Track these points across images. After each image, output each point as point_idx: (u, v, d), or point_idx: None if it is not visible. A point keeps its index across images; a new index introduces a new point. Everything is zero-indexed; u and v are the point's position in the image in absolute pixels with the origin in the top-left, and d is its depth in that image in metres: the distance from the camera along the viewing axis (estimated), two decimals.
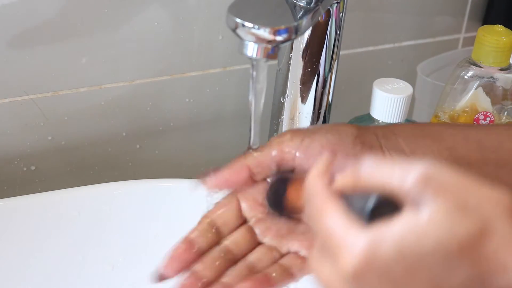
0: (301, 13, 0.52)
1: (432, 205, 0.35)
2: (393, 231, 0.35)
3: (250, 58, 0.50)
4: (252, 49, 0.49)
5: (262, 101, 0.51)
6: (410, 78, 0.82)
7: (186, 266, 0.49)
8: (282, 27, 0.49)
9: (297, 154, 0.49)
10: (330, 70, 0.67)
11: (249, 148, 0.52)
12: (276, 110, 0.71)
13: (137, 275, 0.69)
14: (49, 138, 0.74)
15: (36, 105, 0.72)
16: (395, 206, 0.37)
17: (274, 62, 0.57)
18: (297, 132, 0.51)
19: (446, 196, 0.35)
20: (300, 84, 0.67)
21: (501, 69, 0.73)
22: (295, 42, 0.65)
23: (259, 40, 0.49)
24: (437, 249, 0.34)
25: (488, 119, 0.74)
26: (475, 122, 0.74)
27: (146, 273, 0.69)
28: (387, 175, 0.37)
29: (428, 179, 0.36)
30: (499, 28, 0.73)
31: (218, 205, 0.51)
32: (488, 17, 0.93)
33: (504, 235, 0.35)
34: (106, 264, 0.68)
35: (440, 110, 0.76)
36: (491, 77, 0.73)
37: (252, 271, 0.48)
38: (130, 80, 0.76)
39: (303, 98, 0.68)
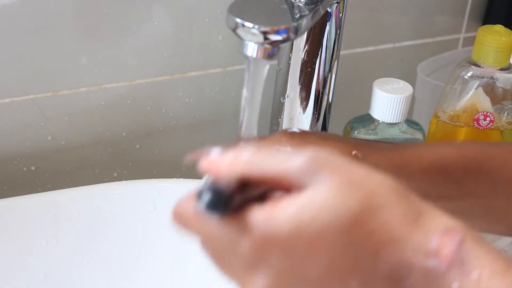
0: (300, 13, 0.52)
1: (324, 182, 0.36)
2: (288, 209, 0.36)
3: (248, 58, 0.50)
4: (252, 49, 0.49)
5: (259, 98, 0.51)
6: (410, 78, 0.82)
7: None
8: (282, 27, 0.49)
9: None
10: (330, 70, 0.67)
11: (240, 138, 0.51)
12: (276, 110, 0.71)
13: (137, 275, 0.69)
14: (49, 138, 0.74)
15: (36, 105, 0.72)
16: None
17: (274, 62, 0.57)
18: (291, 137, 0.50)
19: (336, 173, 0.36)
20: (300, 84, 0.67)
21: (501, 69, 0.73)
22: (295, 42, 0.65)
23: (259, 40, 0.49)
24: (331, 223, 0.35)
25: (488, 119, 0.74)
26: (475, 122, 0.74)
27: (146, 273, 0.70)
28: (272, 160, 0.37)
29: (316, 160, 0.37)
30: (499, 28, 0.73)
31: None
32: (488, 17, 0.93)
33: (391, 209, 0.36)
34: (105, 264, 0.68)
35: (440, 110, 0.76)
36: (491, 77, 0.73)
37: None
38: (130, 80, 0.76)
39: (303, 98, 0.68)
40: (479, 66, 0.73)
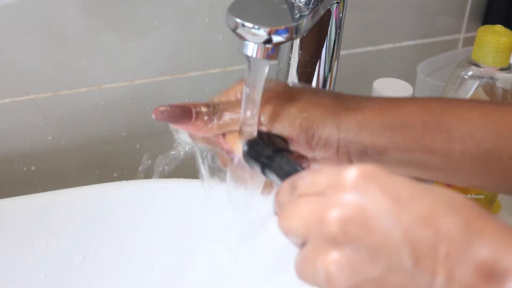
0: (300, 13, 0.52)
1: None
2: None
3: (248, 58, 0.50)
4: (252, 49, 0.49)
5: (259, 98, 0.51)
6: (410, 78, 0.82)
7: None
8: (282, 27, 0.49)
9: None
10: (330, 70, 0.67)
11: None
12: None
13: (137, 275, 0.69)
14: (49, 138, 0.74)
15: (36, 105, 0.72)
16: None
17: (274, 62, 0.57)
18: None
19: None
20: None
21: (501, 69, 0.73)
22: (295, 42, 0.65)
23: (259, 40, 0.49)
24: None
25: None
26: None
27: (146, 273, 0.70)
28: (324, 176, 0.40)
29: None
30: (499, 28, 0.73)
31: None
32: (488, 17, 0.93)
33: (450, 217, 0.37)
34: (105, 263, 0.68)
35: None
36: (491, 77, 0.73)
37: None
38: (130, 80, 0.76)
39: None
40: (479, 66, 0.73)
